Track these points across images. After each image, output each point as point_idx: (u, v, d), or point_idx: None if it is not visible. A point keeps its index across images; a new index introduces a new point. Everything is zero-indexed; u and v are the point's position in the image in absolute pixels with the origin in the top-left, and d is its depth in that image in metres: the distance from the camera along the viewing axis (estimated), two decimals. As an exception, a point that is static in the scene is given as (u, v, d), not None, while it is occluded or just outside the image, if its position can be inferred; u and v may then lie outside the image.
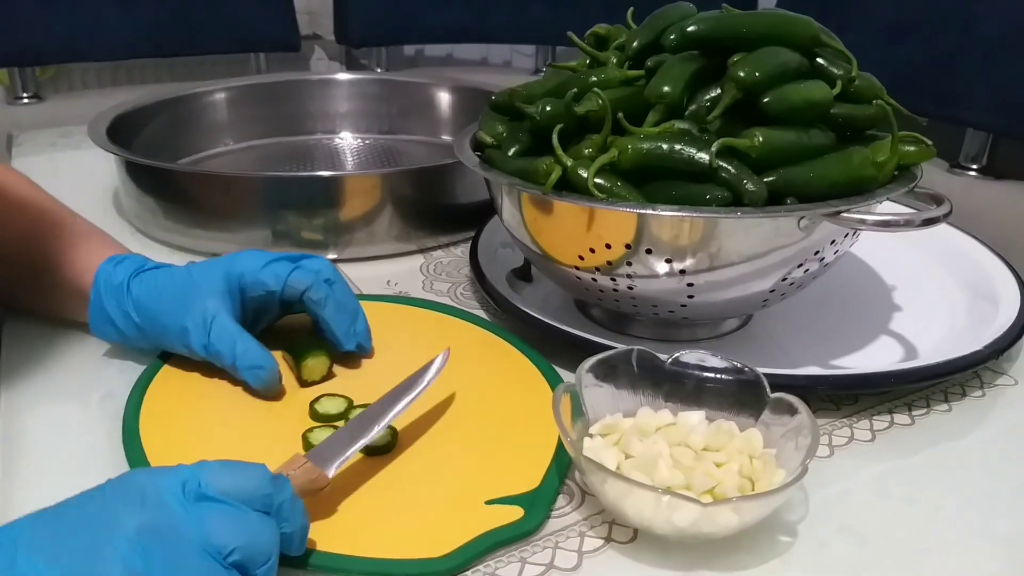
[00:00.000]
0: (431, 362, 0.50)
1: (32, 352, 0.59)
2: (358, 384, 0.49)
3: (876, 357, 0.59)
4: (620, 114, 0.53)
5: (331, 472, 0.42)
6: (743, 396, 0.47)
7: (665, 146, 0.51)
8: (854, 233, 0.54)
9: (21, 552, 0.33)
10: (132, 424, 0.49)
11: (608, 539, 0.43)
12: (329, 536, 0.41)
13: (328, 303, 0.54)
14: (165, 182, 0.72)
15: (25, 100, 1.40)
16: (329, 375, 0.55)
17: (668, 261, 0.52)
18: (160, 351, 0.56)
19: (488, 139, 0.60)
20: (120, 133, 0.82)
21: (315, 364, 0.54)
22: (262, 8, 1.48)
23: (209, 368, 0.54)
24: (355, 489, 0.45)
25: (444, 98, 1.01)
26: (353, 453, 0.44)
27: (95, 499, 0.35)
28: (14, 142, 1.08)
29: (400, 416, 0.51)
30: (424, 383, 0.49)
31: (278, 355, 0.56)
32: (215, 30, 1.45)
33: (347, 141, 1.00)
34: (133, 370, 0.55)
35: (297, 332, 0.58)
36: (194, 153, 0.96)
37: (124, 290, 0.54)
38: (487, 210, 0.71)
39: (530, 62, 1.81)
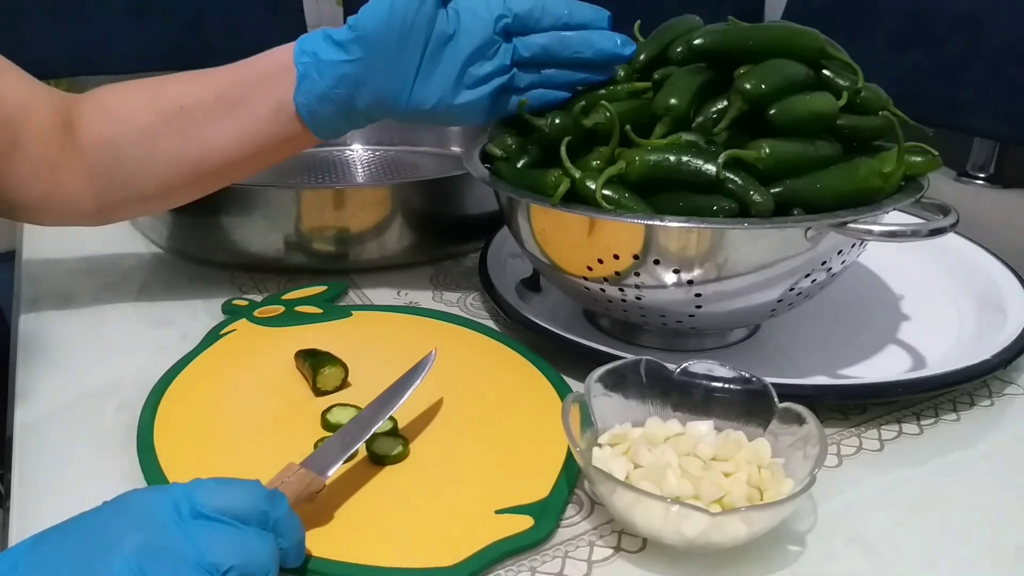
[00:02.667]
0: (419, 363, 0.51)
1: (47, 362, 0.59)
2: (372, 395, 0.49)
3: (884, 367, 0.59)
4: (628, 126, 0.53)
5: (327, 477, 0.43)
6: (751, 406, 0.48)
7: (672, 158, 0.51)
8: (861, 243, 0.54)
9: None
10: (147, 434, 0.50)
11: (617, 548, 0.44)
12: (340, 545, 0.42)
13: None
14: (178, 194, 0.73)
15: (39, 113, 1.41)
16: (344, 385, 0.55)
17: (676, 272, 0.52)
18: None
19: (497, 151, 0.60)
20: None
21: (331, 373, 0.55)
22: (274, 20, 1.49)
23: (223, 378, 0.54)
24: (366, 499, 0.46)
25: (453, 109, 1.01)
26: (347, 457, 0.45)
27: (92, 521, 0.35)
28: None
29: (410, 426, 0.51)
30: (414, 384, 0.50)
31: (296, 362, 0.57)
32: (227, 42, 1.46)
33: (358, 153, 1.00)
34: (148, 380, 0.55)
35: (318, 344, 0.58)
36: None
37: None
38: (496, 221, 0.72)
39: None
